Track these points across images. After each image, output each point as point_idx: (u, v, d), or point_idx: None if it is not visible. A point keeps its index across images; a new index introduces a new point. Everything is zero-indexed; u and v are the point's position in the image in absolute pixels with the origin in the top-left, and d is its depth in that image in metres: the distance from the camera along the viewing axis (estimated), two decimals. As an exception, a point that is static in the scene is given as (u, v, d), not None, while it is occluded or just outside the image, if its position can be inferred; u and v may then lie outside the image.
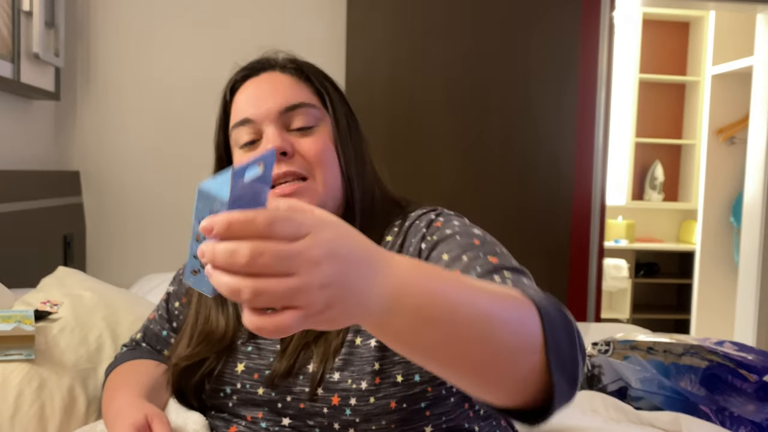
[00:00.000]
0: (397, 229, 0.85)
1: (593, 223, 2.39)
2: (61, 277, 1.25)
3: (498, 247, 0.78)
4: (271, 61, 0.87)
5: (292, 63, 0.86)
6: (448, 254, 0.75)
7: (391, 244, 0.84)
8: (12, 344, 0.94)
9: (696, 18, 4.16)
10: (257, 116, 0.83)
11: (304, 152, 0.82)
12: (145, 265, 2.19)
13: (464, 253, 0.74)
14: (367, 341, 0.78)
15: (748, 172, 2.99)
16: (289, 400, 0.79)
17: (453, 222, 0.82)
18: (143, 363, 0.94)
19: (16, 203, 1.68)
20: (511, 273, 0.71)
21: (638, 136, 4.18)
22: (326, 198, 0.84)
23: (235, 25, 2.24)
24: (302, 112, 0.83)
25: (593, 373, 1.31)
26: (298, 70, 0.85)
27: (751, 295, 2.92)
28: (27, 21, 1.80)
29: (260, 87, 0.84)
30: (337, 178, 0.84)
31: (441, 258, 0.76)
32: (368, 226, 0.85)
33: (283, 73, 0.85)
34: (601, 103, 2.37)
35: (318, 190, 0.82)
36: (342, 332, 0.79)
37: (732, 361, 1.18)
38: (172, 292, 0.99)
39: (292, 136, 0.83)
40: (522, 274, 0.72)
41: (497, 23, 2.30)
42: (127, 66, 2.21)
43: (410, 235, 0.83)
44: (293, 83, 0.84)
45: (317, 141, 0.83)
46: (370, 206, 0.87)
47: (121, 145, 2.22)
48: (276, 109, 0.82)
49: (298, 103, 0.83)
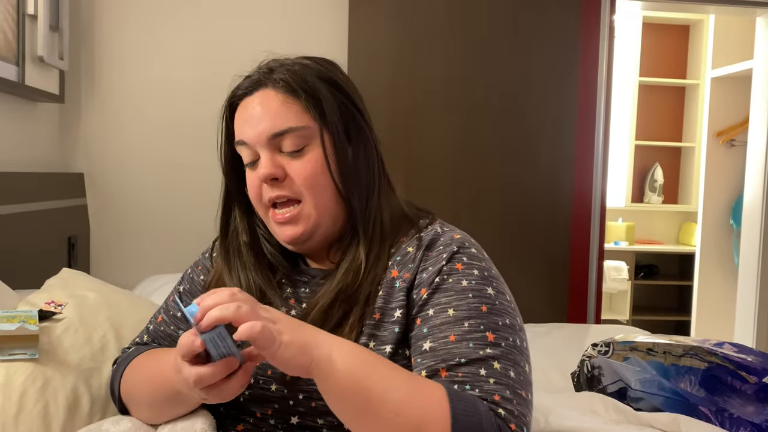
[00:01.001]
0: (418, 242, 0.86)
1: (593, 225, 2.40)
2: (66, 279, 1.26)
3: (505, 316, 0.79)
4: (263, 80, 0.87)
5: (282, 80, 0.85)
6: (454, 311, 0.78)
7: (412, 257, 0.85)
8: (16, 344, 0.95)
9: (696, 21, 4.17)
10: (250, 140, 0.85)
11: (294, 177, 0.84)
12: (148, 267, 2.19)
13: (468, 320, 0.78)
14: (382, 347, 0.80)
15: (747, 175, 2.99)
16: (301, 398, 0.80)
17: (473, 271, 0.82)
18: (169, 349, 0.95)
19: (21, 205, 1.69)
20: (492, 367, 0.75)
21: (638, 139, 4.19)
22: (320, 219, 0.86)
23: (238, 29, 2.25)
24: (290, 137, 0.84)
25: (593, 374, 1.31)
26: (288, 86, 0.85)
27: (751, 297, 2.92)
28: (32, 24, 1.82)
29: (253, 109, 0.85)
30: (330, 196, 0.86)
31: (446, 311, 0.79)
32: (378, 236, 0.86)
33: (275, 91, 0.85)
34: (601, 106, 2.38)
35: (310, 213, 0.85)
36: (355, 331, 0.81)
37: (732, 363, 1.19)
38: (183, 291, 1.00)
39: (284, 159, 0.85)
40: (513, 365, 0.76)
41: (498, 26, 2.31)
42: (131, 69, 2.22)
43: (430, 259, 0.84)
44: (283, 103, 0.84)
45: (306, 164, 0.84)
46: (377, 215, 0.87)
47: (124, 148, 2.23)
48: (265, 135, 0.84)
49: (285, 129, 0.84)
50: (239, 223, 0.93)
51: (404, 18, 2.27)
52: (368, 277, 0.84)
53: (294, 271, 0.92)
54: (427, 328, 0.79)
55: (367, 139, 0.90)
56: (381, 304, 0.82)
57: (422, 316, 0.80)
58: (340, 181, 0.85)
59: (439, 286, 0.81)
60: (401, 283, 0.83)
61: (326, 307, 0.83)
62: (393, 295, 0.83)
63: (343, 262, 0.86)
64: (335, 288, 0.84)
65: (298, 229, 0.85)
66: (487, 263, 0.85)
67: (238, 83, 0.89)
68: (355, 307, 0.82)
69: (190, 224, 2.22)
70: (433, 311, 0.79)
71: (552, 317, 2.35)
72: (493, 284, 0.82)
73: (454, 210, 2.29)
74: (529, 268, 2.36)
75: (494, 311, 0.79)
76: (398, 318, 0.81)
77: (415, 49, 2.29)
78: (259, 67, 0.89)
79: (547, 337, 1.80)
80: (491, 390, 0.72)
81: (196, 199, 2.23)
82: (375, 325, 0.81)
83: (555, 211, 2.36)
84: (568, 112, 2.36)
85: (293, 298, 0.90)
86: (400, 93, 2.28)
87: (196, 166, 2.23)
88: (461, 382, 0.74)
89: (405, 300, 0.82)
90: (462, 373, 0.74)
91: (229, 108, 0.90)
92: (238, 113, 0.88)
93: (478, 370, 0.74)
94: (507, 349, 0.76)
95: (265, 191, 0.86)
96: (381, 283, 0.84)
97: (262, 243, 0.93)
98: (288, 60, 0.89)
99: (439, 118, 2.30)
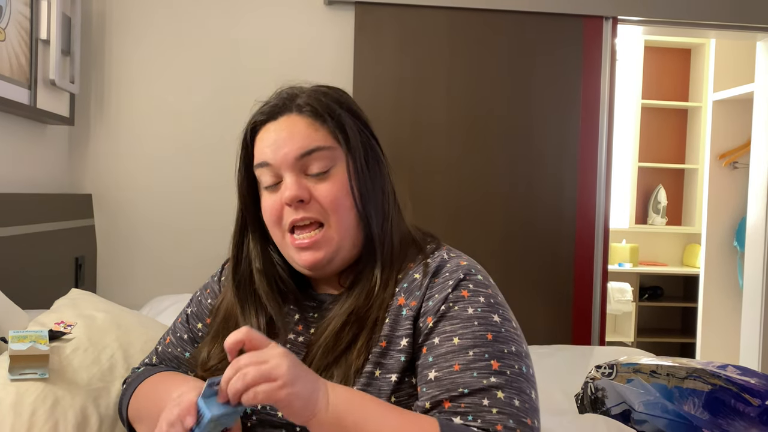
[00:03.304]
0: (424, 268, 0.86)
1: (597, 247, 2.41)
2: (75, 299, 1.27)
3: (511, 343, 0.80)
4: (288, 105, 0.88)
5: (308, 105, 0.87)
6: (459, 339, 0.79)
7: (418, 285, 0.85)
8: (27, 363, 0.96)
9: (697, 45, 4.22)
10: (275, 161, 0.85)
11: (320, 199, 0.85)
12: (153, 288, 2.21)
13: (473, 348, 0.78)
14: (387, 375, 0.80)
15: (750, 197, 3.01)
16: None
17: (479, 298, 0.82)
18: (180, 373, 0.96)
19: (30, 226, 1.71)
20: (495, 396, 0.75)
21: (641, 161, 4.21)
22: (342, 242, 0.86)
23: (246, 53, 2.29)
24: (317, 157, 0.85)
25: (597, 396, 1.32)
26: (314, 112, 0.86)
27: (756, 319, 2.91)
28: (44, 49, 1.86)
29: (279, 133, 0.86)
30: (352, 219, 0.86)
31: (451, 339, 0.79)
32: (389, 259, 0.87)
33: (300, 116, 0.86)
34: (603, 128, 2.40)
35: (333, 237, 0.85)
36: (363, 355, 0.81)
37: (735, 385, 1.19)
38: (191, 314, 1.01)
39: (310, 181, 0.86)
40: (517, 393, 0.76)
41: (500, 51, 2.35)
42: (139, 92, 2.26)
43: (436, 287, 0.84)
44: (309, 126, 0.86)
45: (332, 187, 0.85)
46: (390, 239, 0.88)
47: (132, 169, 2.26)
48: (292, 156, 0.85)
49: (313, 148, 0.85)
50: (252, 249, 0.93)
51: (408, 43, 2.30)
52: (377, 300, 0.84)
53: (303, 296, 0.93)
54: (432, 357, 0.79)
55: (383, 164, 0.91)
56: (387, 332, 0.82)
57: (428, 345, 0.80)
58: (362, 205, 0.86)
59: (445, 314, 0.81)
60: (408, 312, 0.83)
61: (338, 328, 0.83)
62: (400, 323, 0.83)
63: (357, 284, 0.87)
64: (348, 309, 0.84)
65: (320, 254, 0.85)
66: (494, 290, 0.85)
67: (258, 108, 0.90)
68: (364, 331, 0.83)
69: (196, 245, 2.25)
70: (438, 340, 0.80)
71: (556, 339, 2.34)
72: (499, 311, 0.82)
73: (457, 234, 2.31)
74: (533, 289, 2.36)
75: (500, 339, 0.79)
76: (404, 347, 0.81)
77: (418, 73, 2.31)
78: (279, 93, 0.90)
79: (551, 358, 1.81)
80: (493, 420, 0.73)
81: (202, 221, 2.25)
82: (381, 353, 0.82)
83: (559, 233, 2.37)
84: (570, 135, 2.38)
85: (301, 324, 0.90)
86: (403, 116, 2.30)
87: (203, 188, 2.25)
88: (464, 413, 0.74)
89: (411, 329, 0.82)
90: (464, 404, 0.74)
91: (250, 132, 0.90)
92: (260, 137, 0.88)
93: (480, 401, 0.74)
94: (512, 377, 0.76)
95: (287, 214, 0.86)
96: (388, 309, 0.84)
97: (276, 270, 0.92)
98: (306, 87, 0.90)
99: (442, 140, 2.32)
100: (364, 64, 2.28)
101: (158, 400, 0.87)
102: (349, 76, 2.29)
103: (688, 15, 2.45)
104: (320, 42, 2.31)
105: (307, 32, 2.31)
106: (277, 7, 2.30)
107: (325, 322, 0.85)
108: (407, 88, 2.31)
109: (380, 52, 2.29)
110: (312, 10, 2.31)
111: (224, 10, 2.28)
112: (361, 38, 2.28)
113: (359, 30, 2.28)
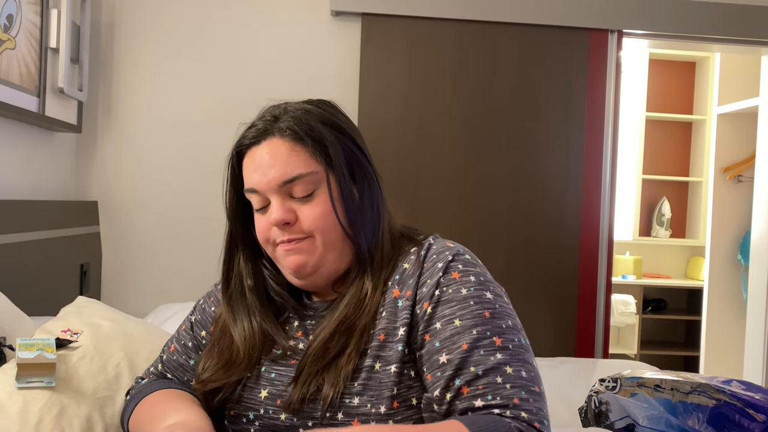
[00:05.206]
0: (414, 257, 0.89)
1: (601, 259, 2.41)
2: (81, 307, 1.28)
3: (506, 318, 0.84)
4: (270, 128, 0.89)
5: (288, 129, 0.88)
6: (460, 320, 0.82)
7: (410, 273, 0.87)
8: (34, 371, 0.96)
9: (702, 58, 4.23)
10: (261, 187, 0.88)
11: (304, 219, 0.88)
12: (158, 295, 2.22)
13: (475, 327, 0.81)
14: (387, 367, 0.82)
15: (755, 210, 3.00)
16: (311, 425, 0.82)
17: (470, 278, 0.86)
18: (182, 392, 0.96)
19: (37, 232, 1.72)
20: (506, 372, 0.79)
21: (646, 173, 4.21)
22: (326, 253, 0.88)
23: (253, 63, 2.31)
24: (300, 183, 0.87)
25: (600, 409, 1.31)
26: (294, 135, 0.88)
27: (760, 333, 2.91)
28: (53, 57, 1.87)
29: (262, 158, 0.88)
30: (338, 237, 0.89)
31: (453, 322, 0.82)
32: (379, 267, 0.89)
33: (282, 139, 0.88)
34: (608, 141, 2.41)
35: (318, 247, 0.88)
36: (353, 361, 0.83)
37: (740, 401, 1.19)
38: (195, 322, 1.02)
39: (295, 203, 0.88)
40: (522, 365, 0.80)
41: (506, 63, 2.36)
42: (147, 101, 2.28)
43: (426, 272, 0.87)
44: (290, 151, 0.87)
45: (315, 209, 0.87)
46: (380, 248, 0.90)
47: (138, 177, 2.27)
48: (275, 183, 0.87)
49: (295, 176, 0.87)
50: (243, 267, 0.95)
51: (413, 57, 2.31)
52: (367, 308, 0.86)
53: (300, 305, 0.95)
54: (438, 341, 0.81)
55: (370, 176, 0.93)
56: (385, 325, 0.85)
57: (431, 331, 0.83)
58: (347, 222, 0.88)
59: (440, 298, 0.84)
60: (404, 302, 0.85)
61: (327, 338, 0.85)
62: (397, 314, 0.85)
63: (347, 294, 0.89)
64: (336, 319, 0.86)
65: (303, 257, 0.88)
66: (482, 268, 0.89)
67: (243, 131, 0.92)
68: (352, 339, 0.84)
69: (202, 253, 2.25)
70: (440, 324, 0.82)
71: (560, 351, 2.34)
72: (490, 288, 0.86)
73: (462, 244, 2.30)
74: (536, 301, 2.36)
75: (496, 315, 0.83)
76: (401, 336, 0.83)
77: (423, 86, 2.32)
78: (262, 114, 0.92)
79: (554, 371, 1.80)
80: (509, 395, 0.77)
81: (207, 229, 2.26)
82: (380, 346, 0.84)
83: (562, 245, 2.38)
84: (575, 147, 2.38)
85: (300, 331, 0.92)
86: (409, 129, 2.31)
87: (208, 196, 2.26)
88: (482, 394, 0.77)
89: (409, 317, 0.84)
90: (482, 386, 0.78)
91: (236, 156, 0.93)
92: (246, 162, 0.90)
93: (494, 379, 0.78)
94: (515, 351, 0.80)
95: (275, 234, 0.89)
96: (383, 305, 0.86)
97: (268, 284, 0.95)
98: (290, 106, 0.91)
99: (447, 153, 2.33)
100: (370, 76, 2.29)
101: (154, 423, 0.88)
102: (355, 88, 2.30)
103: (692, 29, 2.46)
104: (327, 53, 2.33)
105: (313, 43, 2.33)
106: (284, 18, 2.32)
107: (317, 332, 0.87)
108: (413, 99, 2.32)
109: (386, 64, 2.30)
110: (319, 21, 2.32)
111: (231, 20, 2.30)
112: (367, 50, 2.29)
113: (366, 41, 2.29)
